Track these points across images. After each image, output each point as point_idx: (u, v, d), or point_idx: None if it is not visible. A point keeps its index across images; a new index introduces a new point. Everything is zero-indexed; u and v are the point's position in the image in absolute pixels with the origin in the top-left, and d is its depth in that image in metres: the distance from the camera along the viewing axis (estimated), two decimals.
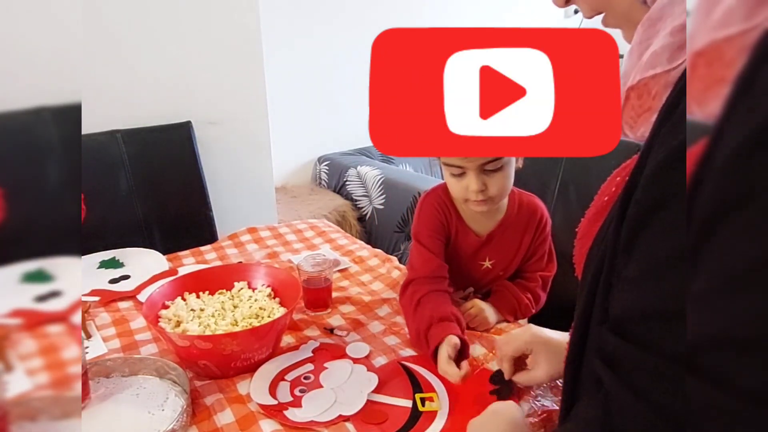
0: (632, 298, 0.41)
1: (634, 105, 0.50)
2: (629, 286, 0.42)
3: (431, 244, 0.99)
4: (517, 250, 1.04)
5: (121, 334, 0.99)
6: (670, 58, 0.45)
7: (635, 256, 0.41)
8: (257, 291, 1.00)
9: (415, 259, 1.00)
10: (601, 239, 0.51)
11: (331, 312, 1.06)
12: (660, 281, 0.39)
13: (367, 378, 0.85)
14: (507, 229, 1.03)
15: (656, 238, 0.39)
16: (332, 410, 0.78)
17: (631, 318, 0.41)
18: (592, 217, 0.59)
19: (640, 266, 0.41)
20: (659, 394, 0.38)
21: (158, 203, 1.61)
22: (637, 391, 0.39)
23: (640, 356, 0.39)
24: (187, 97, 1.67)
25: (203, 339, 0.82)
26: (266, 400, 0.80)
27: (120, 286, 1.16)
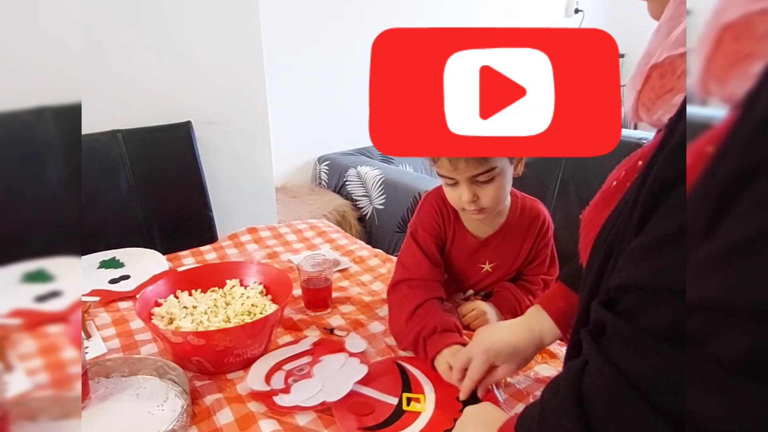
0: (628, 272, 0.42)
1: (654, 85, 0.50)
2: (629, 260, 0.42)
3: (426, 245, 0.99)
4: (517, 254, 1.04)
5: (121, 334, 0.99)
6: None
7: (644, 231, 0.41)
8: (249, 288, 1.01)
9: (406, 257, 1.00)
10: (612, 223, 0.51)
11: (331, 312, 1.06)
12: (660, 256, 0.39)
13: (357, 369, 0.86)
14: (508, 234, 1.02)
15: (669, 212, 0.39)
16: (317, 397, 0.79)
17: (622, 290, 0.42)
18: (598, 203, 0.59)
19: (646, 241, 0.41)
20: (629, 361, 0.39)
21: (158, 203, 1.61)
22: (609, 357, 0.40)
23: (620, 326, 0.40)
24: (187, 97, 1.67)
25: (196, 335, 0.83)
26: (259, 387, 0.82)
27: (120, 286, 1.16)
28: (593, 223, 0.56)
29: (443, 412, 0.78)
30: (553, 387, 0.48)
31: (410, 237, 1.01)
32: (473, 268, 1.04)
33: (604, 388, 0.40)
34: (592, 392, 0.41)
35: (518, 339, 0.77)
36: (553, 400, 0.46)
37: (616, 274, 0.44)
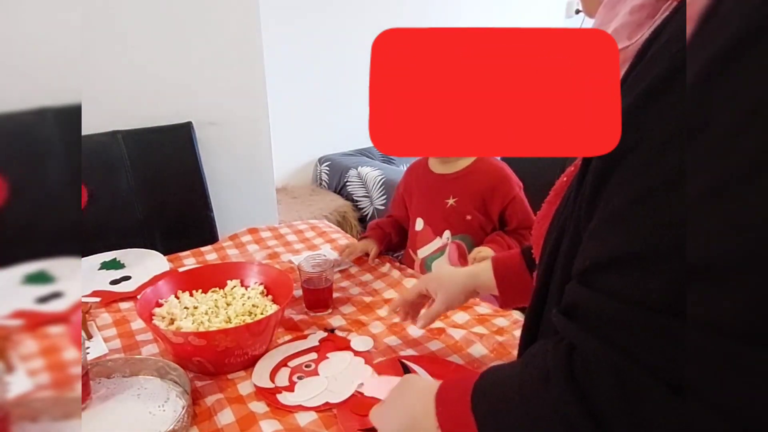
0: (596, 247, 0.41)
1: None
2: (594, 235, 0.42)
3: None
4: (482, 197, 1.24)
5: (122, 335, 0.99)
6: (629, 35, 0.47)
7: (600, 206, 0.42)
8: (250, 289, 1.01)
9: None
10: (561, 211, 0.52)
11: (332, 312, 1.06)
12: (623, 227, 0.39)
13: (362, 370, 0.86)
14: (470, 175, 1.26)
15: (624, 181, 0.40)
16: (320, 397, 0.80)
17: (595, 266, 0.41)
18: (551, 198, 0.60)
19: (605, 213, 0.41)
20: (624, 339, 0.38)
21: (159, 204, 1.62)
22: (602, 338, 0.39)
23: (605, 303, 0.39)
24: (187, 98, 1.67)
25: (197, 336, 0.83)
26: (264, 383, 0.83)
27: (121, 287, 1.16)
28: (545, 218, 0.58)
29: None
30: (535, 374, 0.44)
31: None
32: (438, 203, 1.27)
33: (608, 371, 0.38)
34: (593, 378, 0.40)
35: (454, 274, 0.86)
36: (542, 389, 0.43)
37: (582, 256, 0.43)
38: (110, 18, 1.50)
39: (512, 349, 0.92)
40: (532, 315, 0.56)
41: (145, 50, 1.58)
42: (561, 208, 0.53)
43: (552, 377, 0.42)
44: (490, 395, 0.49)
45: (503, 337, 0.95)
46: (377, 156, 2.79)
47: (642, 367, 0.37)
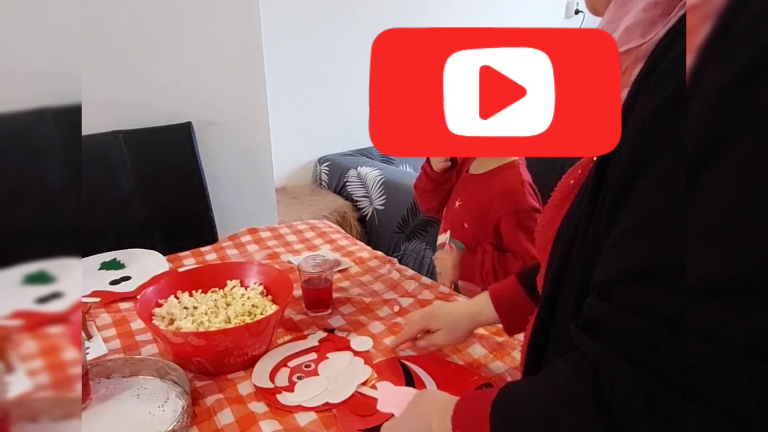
0: (620, 258, 0.40)
1: None
2: (616, 246, 0.40)
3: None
4: (481, 208, 1.15)
5: (121, 335, 0.99)
6: (643, 33, 0.46)
7: (621, 217, 0.40)
8: (250, 289, 1.01)
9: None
10: (571, 218, 0.51)
11: (332, 313, 1.06)
12: (648, 239, 0.37)
13: (362, 370, 0.87)
14: (483, 183, 1.17)
15: (645, 195, 0.38)
16: (320, 397, 0.81)
17: (618, 279, 0.39)
18: (558, 202, 0.59)
19: (630, 223, 0.39)
20: (653, 359, 0.36)
21: (159, 204, 1.61)
22: (629, 357, 0.37)
23: (630, 319, 0.37)
24: (187, 98, 1.67)
25: (197, 336, 0.83)
26: (264, 383, 0.83)
27: (121, 287, 1.16)
28: (553, 221, 0.57)
29: None
30: (559, 399, 0.43)
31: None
32: (451, 201, 1.25)
33: (637, 395, 0.36)
34: (621, 403, 0.37)
35: (458, 316, 0.87)
36: (568, 414, 0.41)
37: (603, 268, 0.41)
38: (110, 18, 1.50)
39: (512, 349, 0.92)
40: (540, 327, 0.54)
41: (145, 50, 1.58)
42: (570, 214, 0.52)
43: (577, 402, 0.41)
44: (511, 420, 0.47)
45: (502, 338, 0.95)
46: (377, 156, 2.79)
47: (673, 390, 0.34)
